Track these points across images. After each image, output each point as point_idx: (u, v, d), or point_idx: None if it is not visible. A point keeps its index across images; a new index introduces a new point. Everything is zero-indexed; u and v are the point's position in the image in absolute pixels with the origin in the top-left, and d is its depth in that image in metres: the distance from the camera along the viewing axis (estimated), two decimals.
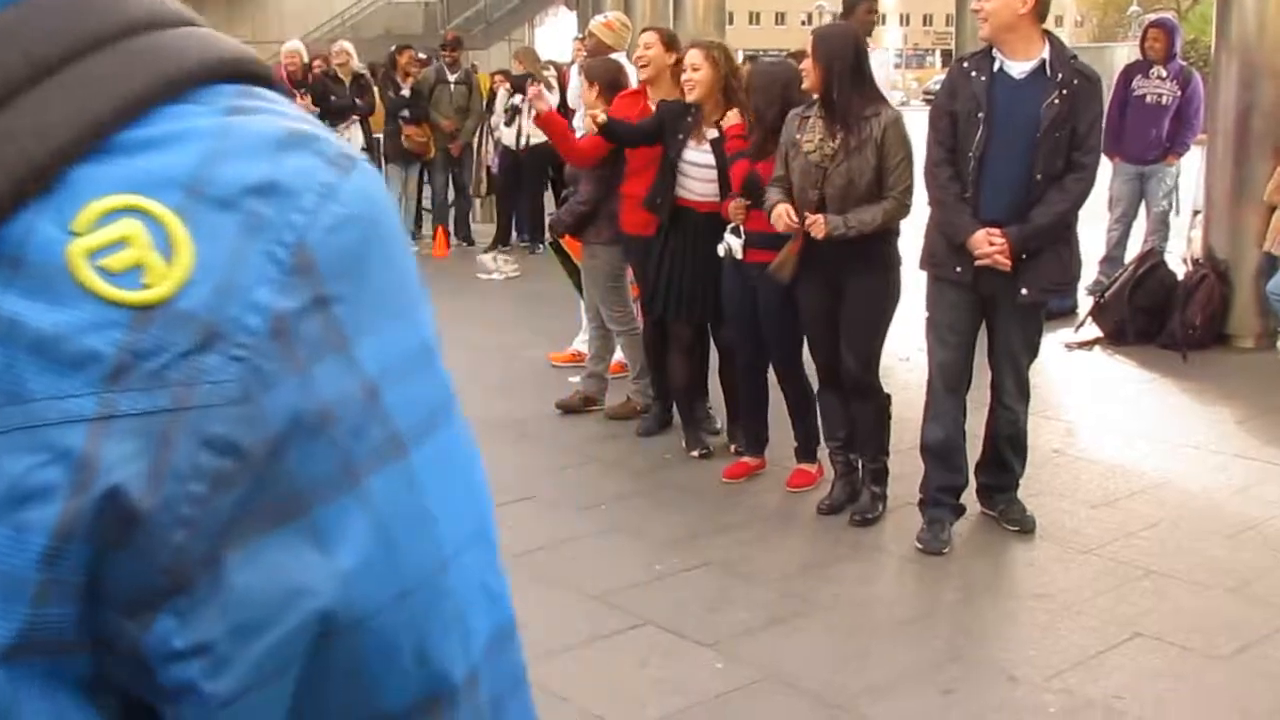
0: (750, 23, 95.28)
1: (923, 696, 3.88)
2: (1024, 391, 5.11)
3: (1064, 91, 4.67)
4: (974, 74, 4.84)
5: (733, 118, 5.58)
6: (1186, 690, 3.89)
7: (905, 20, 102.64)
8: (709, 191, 5.76)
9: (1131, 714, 3.73)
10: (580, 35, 14.54)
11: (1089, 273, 9.09)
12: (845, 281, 5.08)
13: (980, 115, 4.75)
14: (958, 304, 4.95)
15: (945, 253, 4.91)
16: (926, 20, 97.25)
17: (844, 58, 4.99)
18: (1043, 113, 4.67)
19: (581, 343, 7.40)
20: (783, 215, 4.97)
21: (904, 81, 72.77)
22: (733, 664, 4.07)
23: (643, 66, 6.21)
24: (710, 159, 5.75)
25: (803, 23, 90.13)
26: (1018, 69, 4.77)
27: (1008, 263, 4.71)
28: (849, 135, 4.94)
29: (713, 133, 5.73)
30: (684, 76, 5.79)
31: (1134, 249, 9.21)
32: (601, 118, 6.00)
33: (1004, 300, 4.87)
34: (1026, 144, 4.70)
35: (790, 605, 4.52)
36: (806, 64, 5.09)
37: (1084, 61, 4.87)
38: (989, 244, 4.71)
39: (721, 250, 5.47)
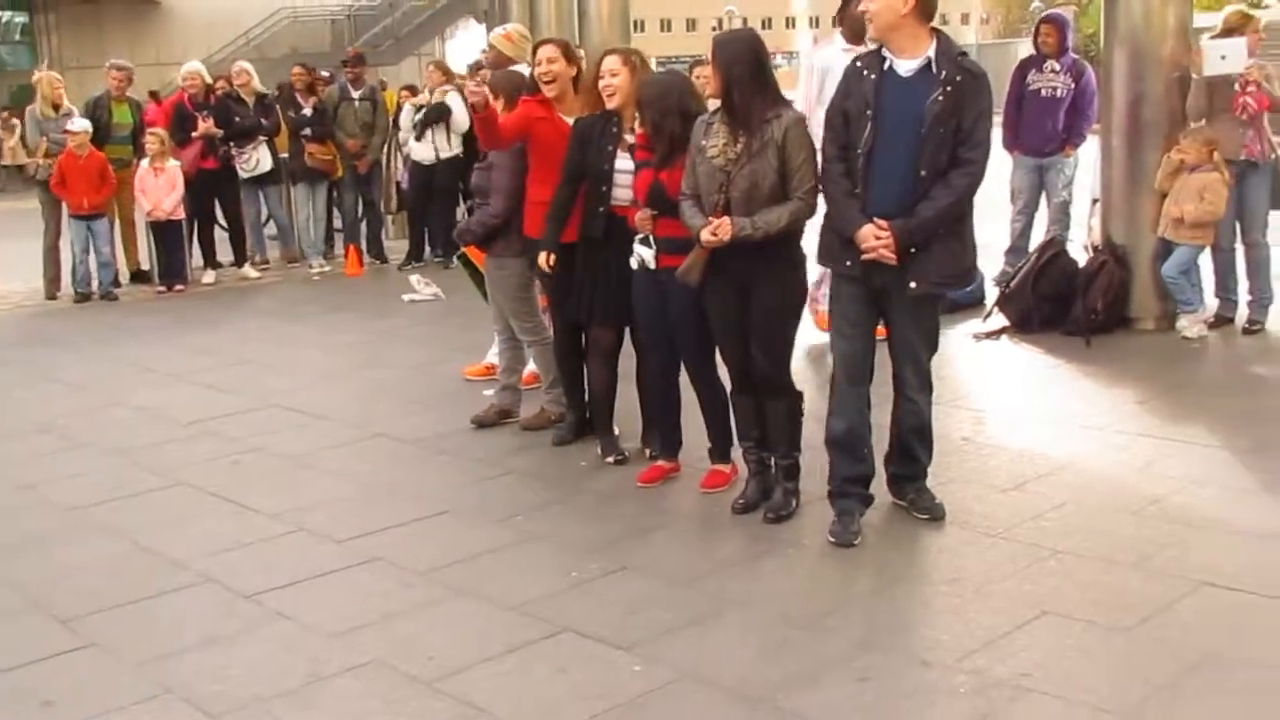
0: (661, 30, 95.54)
1: (839, 686, 3.94)
2: (925, 383, 5.20)
3: (948, 88, 4.76)
4: (865, 73, 4.93)
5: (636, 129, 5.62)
6: (1091, 664, 3.98)
7: (815, 23, 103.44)
8: (629, 198, 5.78)
9: (1039, 690, 3.81)
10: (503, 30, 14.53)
11: (995, 264, 9.28)
12: (752, 283, 5.15)
13: (869, 113, 4.84)
14: (853, 297, 5.04)
15: (838, 247, 5.00)
16: (835, 23, 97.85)
17: (743, 63, 5.06)
18: (926, 109, 4.76)
19: (495, 355, 7.41)
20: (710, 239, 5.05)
21: None
22: (651, 665, 4.10)
23: (549, 82, 6.23)
24: (631, 165, 5.79)
25: (713, 29, 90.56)
26: (905, 67, 4.86)
27: (893, 257, 4.81)
28: (751, 138, 5.01)
29: (632, 139, 5.78)
30: (602, 83, 5.82)
31: (1038, 239, 9.37)
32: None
33: (895, 294, 4.96)
34: (912, 140, 4.79)
35: (707, 604, 4.56)
36: (707, 70, 5.16)
37: (973, 59, 4.96)
38: (875, 238, 4.81)
39: (635, 263, 5.51)
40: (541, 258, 6.03)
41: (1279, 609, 4.30)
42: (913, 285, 4.89)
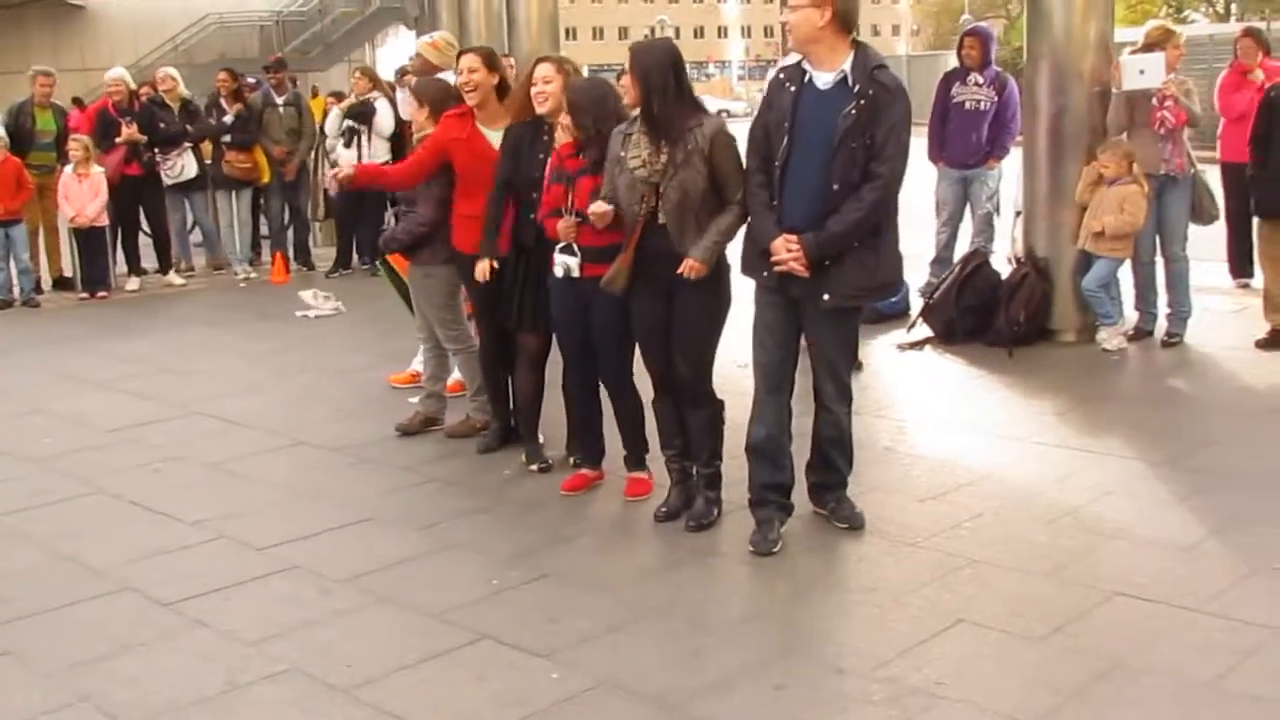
0: (594, 38, 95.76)
1: (755, 693, 3.97)
2: (844, 394, 5.25)
3: (861, 102, 4.79)
4: (786, 85, 4.97)
5: (562, 137, 5.62)
6: (1004, 672, 4.04)
7: (747, 32, 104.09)
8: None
9: (952, 698, 3.86)
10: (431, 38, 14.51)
11: (920, 275, 9.37)
12: (676, 290, 5.17)
13: (786, 125, 4.89)
14: (773, 306, 5.09)
15: (756, 257, 5.05)
16: (768, 31, 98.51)
17: (661, 71, 5.07)
18: (838, 122, 4.80)
19: (420, 363, 7.39)
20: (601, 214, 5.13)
21: (747, 92, 73.78)
22: (570, 673, 4.11)
23: (470, 91, 6.24)
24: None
25: (645, 36, 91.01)
26: (823, 80, 4.90)
27: (803, 269, 4.86)
28: (674, 148, 5.03)
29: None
30: (535, 90, 5.83)
31: (963, 250, 9.49)
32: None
33: (810, 305, 5.01)
34: (824, 153, 4.83)
35: (627, 612, 4.58)
36: (626, 80, 5.17)
37: (890, 73, 4.99)
38: (785, 250, 4.86)
39: (560, 271, 5.50)
40: (481, 267, 6.01)
41: (1188, 619, 4.37)
42: (825, 298, 4.94)
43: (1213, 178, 8.90)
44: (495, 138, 6.20)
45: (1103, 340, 8.25)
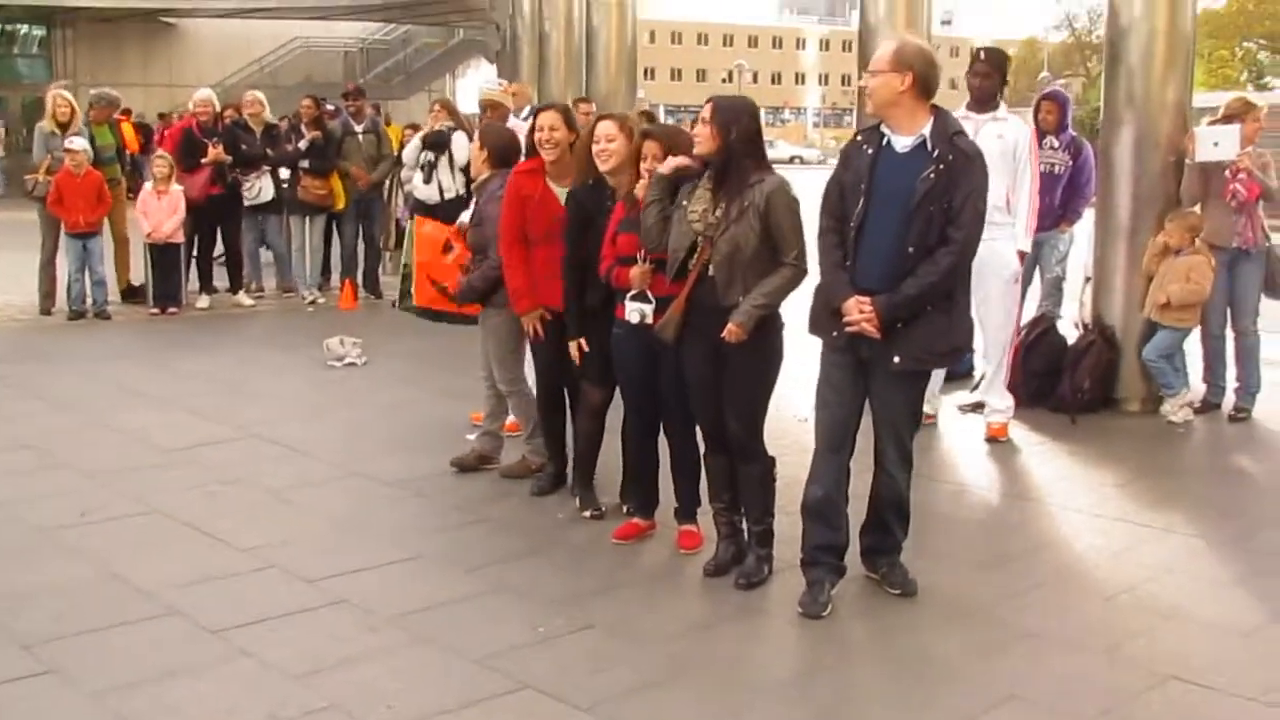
0: (672, 79, 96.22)
1: None
2: (905, 458, 5.18)
3: (940, 166, 4.79)
4: (864, 147, 4.97)
5: (646, 185, 5.51)
6: None
7: (824, 80, 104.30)
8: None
9: None
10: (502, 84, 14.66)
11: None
12: (728, 346, 5.14)
13: (862, 187, 4.88)
14: (839, 366, 5.06)
15: (825, 317, 5.02)
16: (845, 80, 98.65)
17: (741, 126, 5.08)
18: (916, 186, 4.78)
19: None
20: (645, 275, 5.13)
21: (821, 139, 73.81)
22: None
23: (551, 148, 6.19)
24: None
25: (723, 80, 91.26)
26: (901, 143, 4.89)
27: (875, 331, 4.83)
28: (731, 203, 5.04)
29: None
30: (597, 148, 5.81)
31: (1030, 314, 9.39)
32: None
33: (879, 367, 4.97)
34: (901, 216, 4.81)
35: (671, 667, 4.54)
36: (705, 130, 5.15)
37: (969, 139, 4.98)
38: (858, 311, 4.83)
39: (635, 318, 5.48)
40: (573, 347, 6.02)
41: (1244, 708, 4.27)
42: (895, 360, 4.90)
43: None
44: (562, 193, 6.22)
45: (1167, 412, 8.13)
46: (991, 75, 7.67)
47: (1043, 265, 9.69)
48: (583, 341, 5.98)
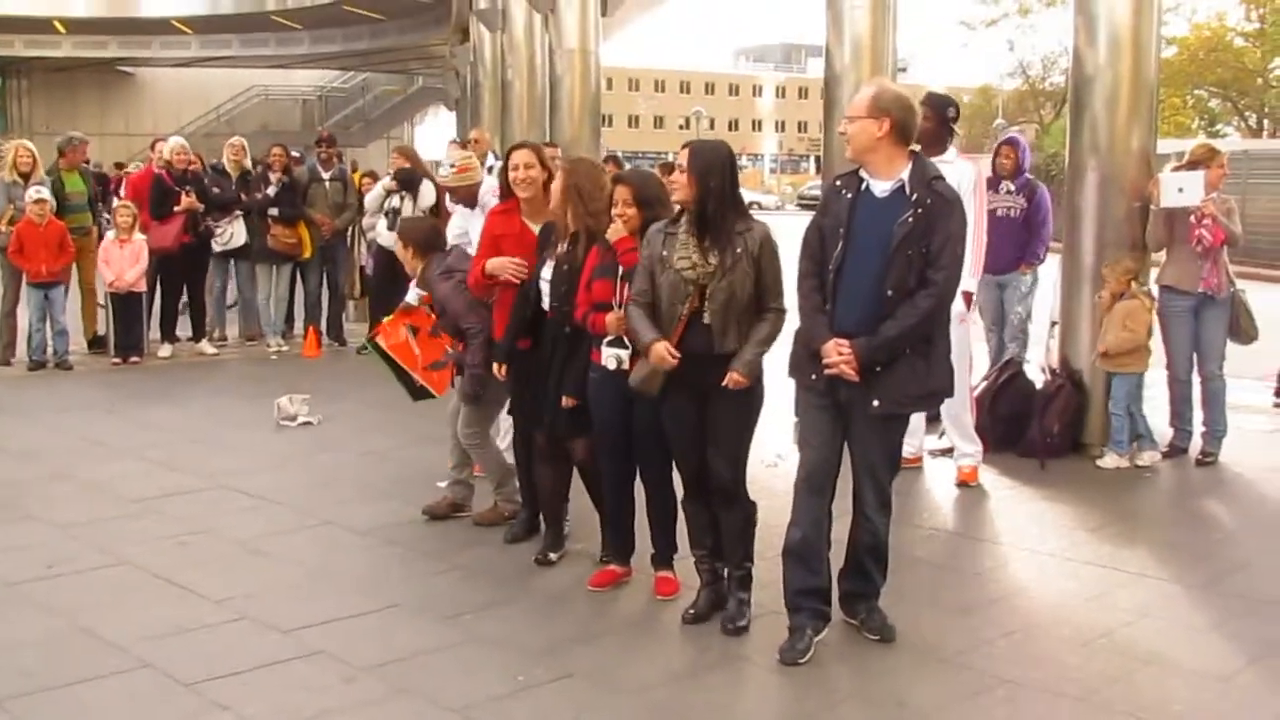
0: (629, 125, 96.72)
1: None
2: (884, 503, 5.19)
3: (918, 210, 4.83)
4: (843, 192, 5.00)
5: (619, 231, 5.51)
6: None
7: (780, 126, 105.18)
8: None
9: None
10: (457, 139, 14.72)
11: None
12: (711, 391, 5.14)
13: (841, 231, 4.91)
14: (818, 408, 5.07)
15: (805, 360, 5.04)
16: (801, 127, 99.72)
17: (719, 174, 5.09)
18: (895, 230, 4.82)
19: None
20: (664, 356, 5.07)
21: (778, 186, 74.32)
22: None
23: (526, 185, 6.25)
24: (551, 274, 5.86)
25: (680, 126, 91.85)
26: (880, 188, 4.94)
27: (853, 374, 4.84)
28: (724, 252, 5.05)
29: (563, 247, 5.85)
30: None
31: (1004, 355, 9.47)
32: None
33: (858, 411, 4.98)
34: (880, 260, 4.85)
35: (652, 715, 4.51)
36: (680, 177, 5.16)
37: (947, 183, 5.02)
38: (837, 353, 4.85)
39: (611, 364, 5.45)
40: (496, 369, 6.14)
41: None
42: (875, 404, 4.91)
43: (1255, 296, 8.83)
44: (537, 229, 6.25)
45: (1103, 463, 8.14)
46: (930, 119, 7.69)
47: (1006, 307, 9.77)
48: (503, 369, 6.09)
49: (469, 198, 7.65)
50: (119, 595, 5.75)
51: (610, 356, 5.45)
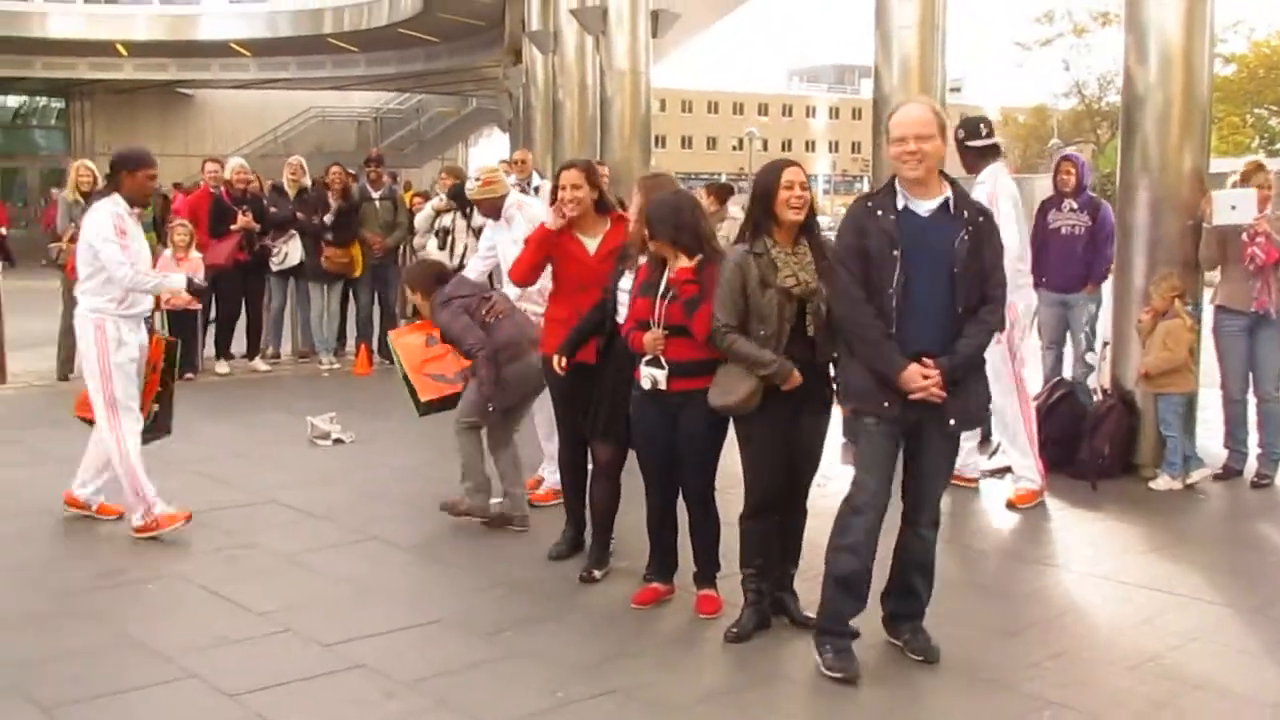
0: (682, 146, 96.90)
1: None
2: (937, 519, 5.20)
3: (970, 228, 4.87)
4: (880, 212, 4.92)
5: (681, 261, 5.46)
6: None
7: (834, 147, 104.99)
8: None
9: None
10: (509, 159, 14.79)
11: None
12: (801, 409, 5.23)
13: (895, 253, 4.84)
14: (886, 435, 4.97)
15: (873, 388, 4.90)
16: (855, 147, 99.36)
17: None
18: (957, 248, 4.84)
19: (544, 470, 7.69)
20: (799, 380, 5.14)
21: (831, 206, 74.12)
22: None
23: (572, 205, 6.26)
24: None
25: (733, 147, 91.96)
26: (924, 207, 4.91)
27: (943, 393, 4.83)
28: (820, 270, 5.12)
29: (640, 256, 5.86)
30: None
31: (1067, 375, 9.41)
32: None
33: (932, 431, 4.97)
34: (945, 278, 4.84)
35: None
36: (807, 194, 5.22)
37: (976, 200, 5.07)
38: (923, 377, 4.81)
39: (648, 383, 5.48)
40: (555, 359, 6.11)
41: None
42: (952, 422, 4.93)
43: None
44: (591, 244, 6.32)
45: (1156, 485, 8.03)
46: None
47: (1072, 327, 9.71)
48: (564, 361, 6.07)
49: (494, 210, 7.71)
50: (167, 607, 5.82)
51: (647, 376, 5.47)
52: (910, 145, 4.89)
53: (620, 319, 5.85)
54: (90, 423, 7.11)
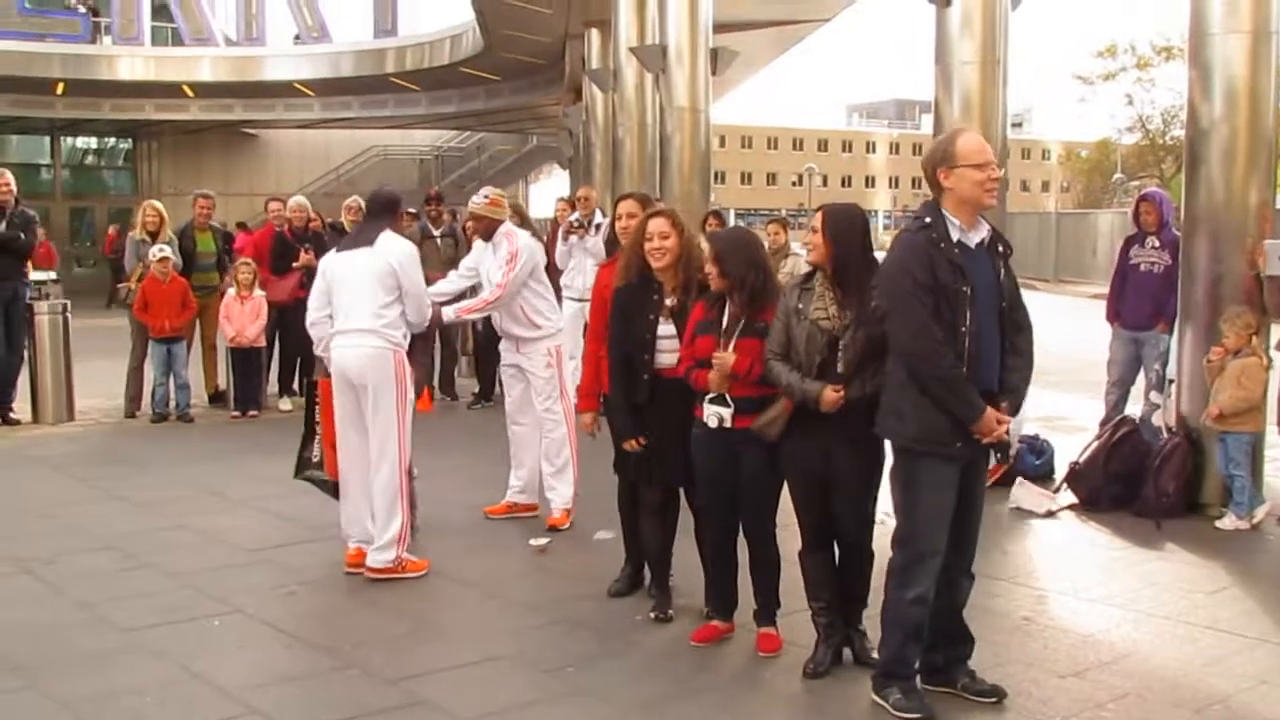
0: (742, 182, 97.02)
1: None
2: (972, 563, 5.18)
3: (1005, 261, 4.91)
4: (942, 245, 4.75)
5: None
6: None
7: (895, 183, 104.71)
8: (674, 360, 5.83)
9: None
10: (565, 198, 14.90)
11: (1083, 436, 9.15)
12: (836, 441, 5.19)
13: (966, 289, 4.72)
14: (952, 476, 4.88)
15: (947, 429, 4.78)
16: (915, 183, 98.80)
17: (856, 237, 5.24)
18: (1004, 282, 4.84)
19: (514, 493, 7.99)
20: (836, 399, 5.10)
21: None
22: None
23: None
24: (673, 329, 5.87)
25: (793, 183, 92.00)
26: (973, 239, 4.85)
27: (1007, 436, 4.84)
28: (862, 307, 5.10)
29: (671, 300, 5.89)
30: (651, 245, 5.90)
31: (1135, 412, 9.34)
32: None
33: (978, 472, 4.96)
34: (997, 313, 4.83)
35: None
36: (815, 238, 5.23)
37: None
38: (998, 423, 4.76)
39: (713, 421, 5.49)
40: (629, 445, 6.06)
41: None
42: (999, 457, 4.96)
43: None
44: None
45: (1222, 524, 7.91)
46: None
47: (1144, 364, 9.64)
48: (640, 439, 6.01)
49: (488, 231, 7.87)
50: (231, 642, 5.87)
51: (712, 414, 5.48)
52: (994, 172, 4.78)
53: (659, 365, 5.91)
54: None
